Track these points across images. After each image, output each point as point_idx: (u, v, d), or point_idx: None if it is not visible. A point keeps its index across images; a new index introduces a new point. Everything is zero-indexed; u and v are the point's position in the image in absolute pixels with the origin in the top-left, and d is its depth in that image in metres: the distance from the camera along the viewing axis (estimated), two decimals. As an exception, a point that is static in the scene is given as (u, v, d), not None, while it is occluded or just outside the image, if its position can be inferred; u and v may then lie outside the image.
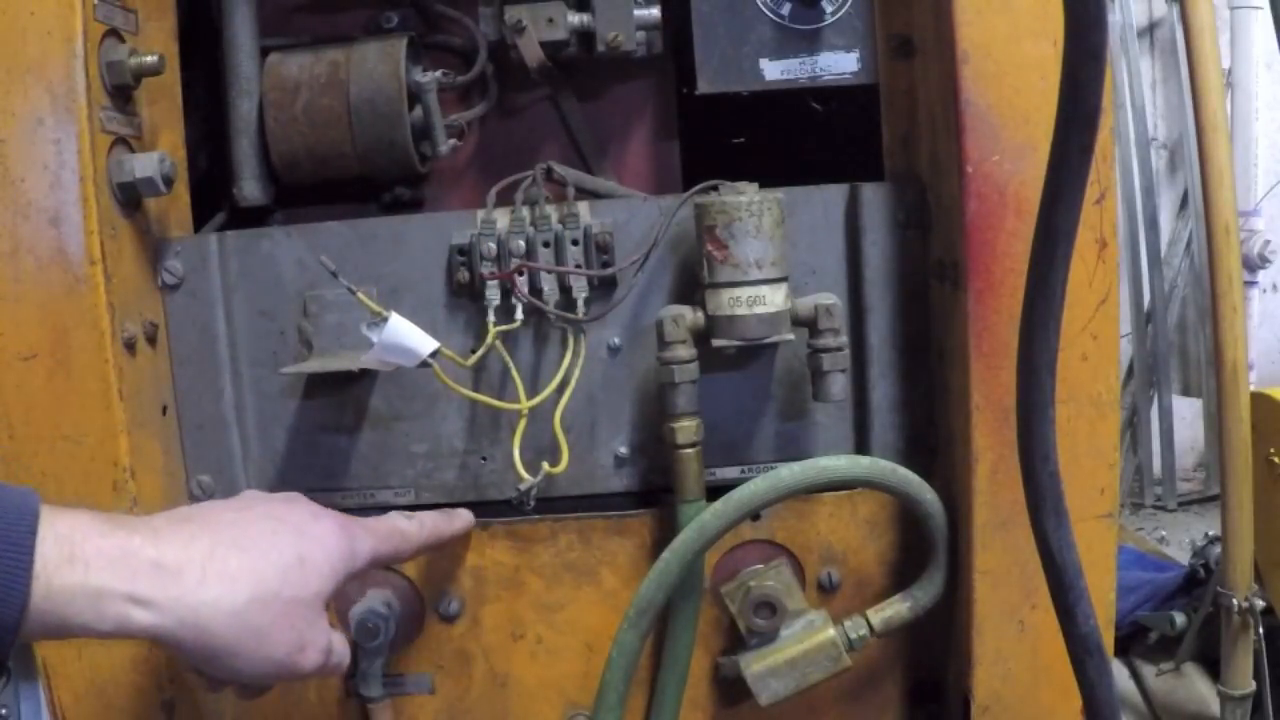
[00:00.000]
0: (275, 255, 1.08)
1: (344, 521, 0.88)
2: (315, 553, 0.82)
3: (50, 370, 0.97)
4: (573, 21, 1.08)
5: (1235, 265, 1.73)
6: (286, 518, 0.84)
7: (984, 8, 0.93)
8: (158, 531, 0.75)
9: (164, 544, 0.74)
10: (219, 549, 0.76)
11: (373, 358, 0.97)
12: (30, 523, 0.68)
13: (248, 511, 0.83)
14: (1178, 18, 3.06)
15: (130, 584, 0.71)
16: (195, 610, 0.73)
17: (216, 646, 0.75)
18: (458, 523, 1.04)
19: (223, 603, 0.75)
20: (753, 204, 0.97)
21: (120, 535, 0.73)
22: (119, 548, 0.72)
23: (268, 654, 0.77)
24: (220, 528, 0.79)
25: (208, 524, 0.79)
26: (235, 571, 0.76)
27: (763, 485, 0.98)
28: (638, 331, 1.07)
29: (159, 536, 0.75)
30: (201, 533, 0.77)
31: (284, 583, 0.79)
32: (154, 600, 0.72)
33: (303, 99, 1.09)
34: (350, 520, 0.89)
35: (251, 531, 0.80)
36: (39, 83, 0.95)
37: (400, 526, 0.95)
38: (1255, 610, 1.78)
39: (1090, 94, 0.68)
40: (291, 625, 0.79)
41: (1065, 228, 0.73)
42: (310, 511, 0.87)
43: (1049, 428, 0.79)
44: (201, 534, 0.77)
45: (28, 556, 0.67)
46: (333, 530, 0.86)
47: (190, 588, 0.73)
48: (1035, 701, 1.01)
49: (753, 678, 1.02)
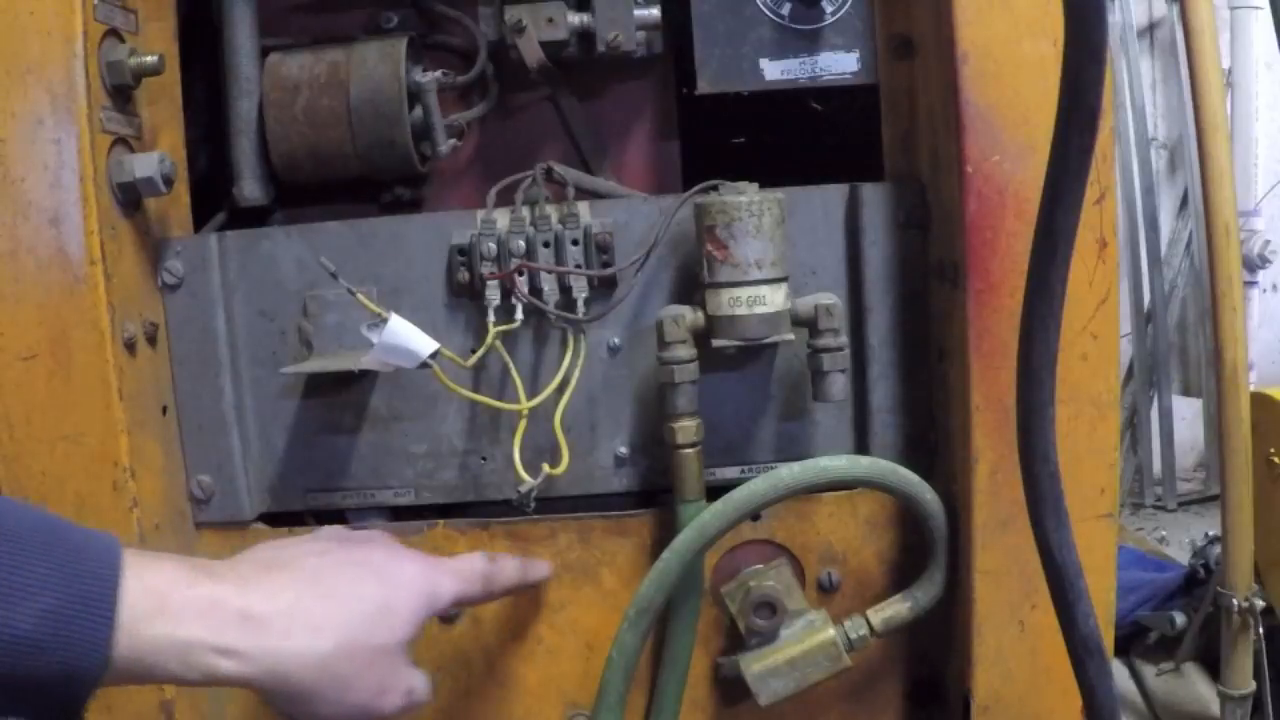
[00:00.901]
0: (275, 255, 1.08)
1: (426, 564, 0.89)
2: (398, 599, 0.83)
3: (50, 370, 0.97)
4: (573, 21, 1.08)
5: (1235, 265, 1.73)
6: (369, 562, 0.85)
7: (984, 8, 0.93)
8: (245, 580, 0.76)
9: (251, 594, 0.75)
10: (304, 599, 0.77)
11: (373, 359, 0.97)
12: (114, 576, 0.68)
13: (331, 556, 0.84)
14: (1178, 18, 3.06)
15: (218, 635, 0.72)
16: (281, 660, 0.74)
17: (301, 694, 0.76)
18: (535, 572, 1.04)
19: (308, 653, 0.76)
20: (753, 204, 0.97)
21: (208, 585, 0.73)
22: (206, 599, 0.73)
23: (351, 700, 0.78)
24: (306, 576, 0.80)
25: (294, 573, 0.80)
26: (320, 622, 0.77)
27: (763, 485, 0.98)
28: (638, 331, 1.07)
29: (246, 586, 0.75)
30: (289, 583, 0.78)
31: (368, 631, 0.80)
32: (241, 651, 0.73)
33: (303, 99, 1.09)
34: (432, 562, 0.90)
35: (336, 580, 0.81)
36: (39, 83, 0.95)
37: (482, 569, 0.95)
38: (1255, 610, 1.78)
39: (1090, 94, 0.68)
40: (374, 671, 0.80)
41: (1065, 228, 0.73)
42: (393, 554, 0.88)
43: (1049, 428, 0.79)
44: (288, 585, 0.78)
45: (110, 613, 0.67)
46: (415, 575, 0.86)
47: (276, 639, 0.74)
48: (1035, 701, 1.01)
49: (753, 678, 1.02)
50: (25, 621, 0.64)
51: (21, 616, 0.64)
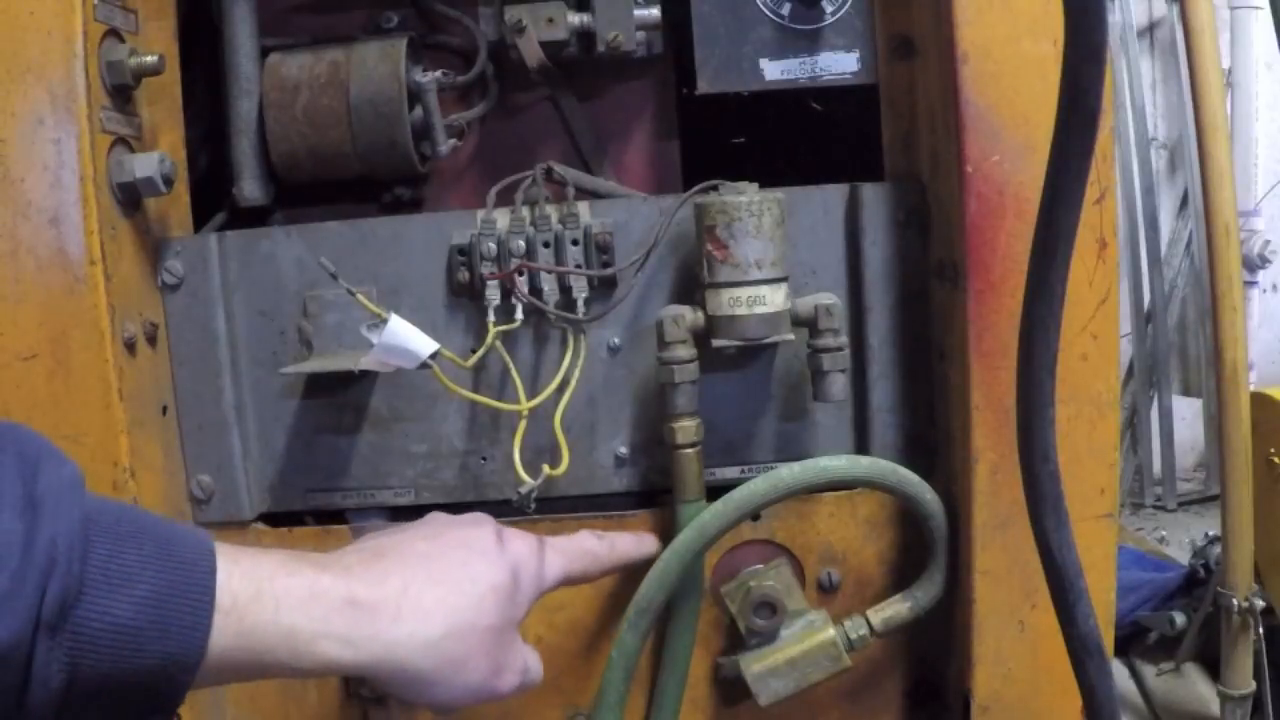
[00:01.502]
0: (275, 255, 1.08)
1: (533, 544, 0.88)
2: (507, 580, 0.83)
3: (50, 370, 0.97)
4: (573, 21, 1.08)
5: (1235, 265, 1.73)
6: (476, 545, 0.84)
7: (984, 8, 0.93)
8: (349, 569, 0.75)
9: (356, 581, 0.74)
10: (413, 585, 0.77)
11: (372, 359, 0.97)
12: (209, 562, 0.67)
13: (438, 540, 0.83)
14: (1178, 18, 3.06)
15: (324, 623, 0.71)
16: (390, 647, 0.74)
17: (416, 679, 0.75)
18: (645, 547, 1.02)
19: (418, 638, 0.75)
20: (753, 204, 0.97)
21: (308, 574, 0.72)
22: (307, 587, 0.71)
23: (465, 682, 0.78)
24: (412, 562, 0.79)
25: (400, 559, 0.79)
26: (430, 606, 0.76)
27: (763, 485, 0.98)
28: (638, 331, 1.07)
29: (351, 574, 0.75)
30: (395, 569, 0.77)
31: (478, 613, 0.79)
32: (349, 638, 0.72)
33: (303, 99, 1.09)
34: (539, 542, 0.89)
35: (444, 563, 0.80)
36: (39, 83, 0.95)
37: (589, 548, 0.95)
38: (1255, 610, 1.78)
39: (1090, 94, 0.68)
40: (487, 653, 0.79)
41: (1065, 228, 0.73)
42: (500, 535, 0.87)
43: (1049, 428, 0.79)
44: (394, 570, 0.77)
45: (210, 597, 0.66)
46: (524, 555, 0.86)
47: (385, 625, 0.74)
48: (1035, 701, 1.01)
49: (753, 678, 1.02)
50: (125, 609, 0.62)
51: (121, 604, 0.62)
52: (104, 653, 0.62)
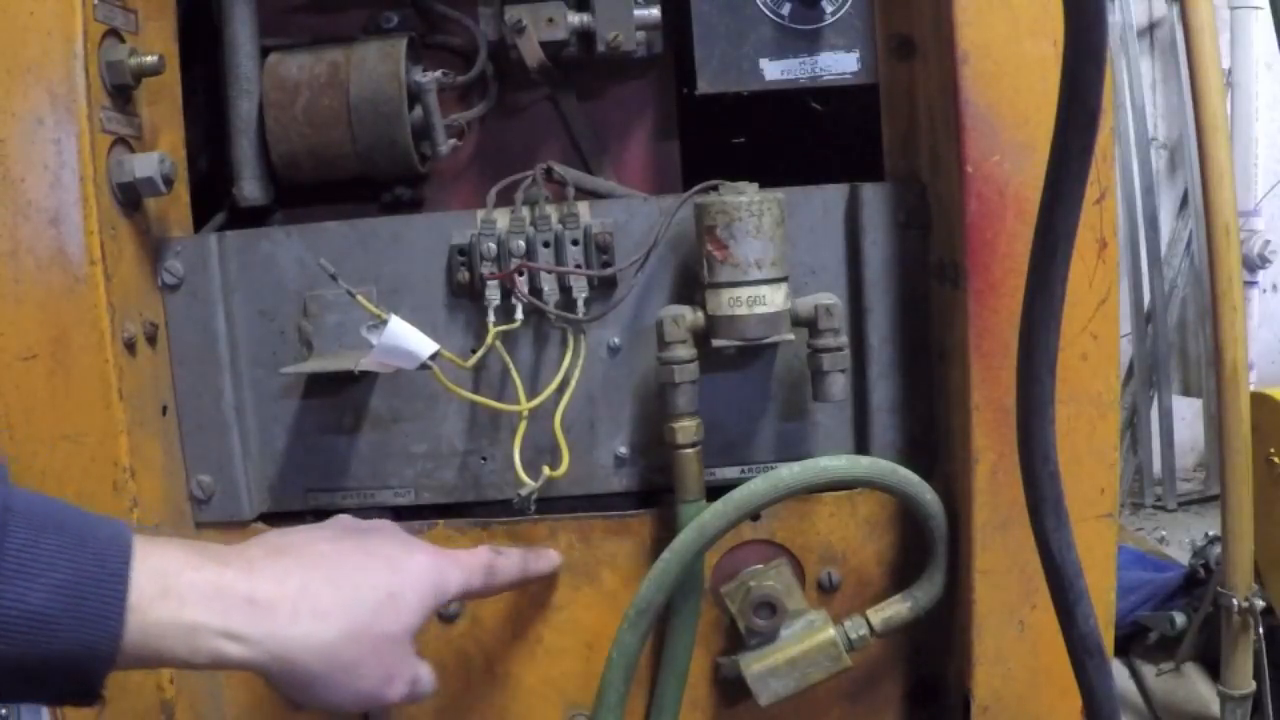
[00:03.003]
0: (275, 255, 1.08)
1: (435, 555, 0.89)
2: (406, 588, 0.83)
3: (50, 370, 0.97)
4: (573, 21, 1.08)
5: (1235, 265, 1.74)
6: (379, 551, 0.85)
7: (984, 8, 0.93)
8: (252, 564, 0.76)
9: (258, 579, 0.75)
10: (312, 585, 0.77)
11: (372, 360, 0.97)
12: (124, 554, 0.69)
13: (340, 544, 0.84)
14: (1178, 18, 3.06)
15: (224, 619, 0.72)
16: (286, 645, 0.74)
17: (307, 680, 0.76)
18: (544, 562, 1.04)
19: (314, 639, 0.76)
20: (753, 204, 0.97)
21: (213, 569, 0.73)
22: (212, 583, 0.73)
23: (356, 687, 0.79)
24: (314, 562, 0.80)
25: (302, 558, 0.80)
26: (328, 608, 0.77)
27: (763, 485, 0.98)
28: (638, 331, 1.07)
29: (253, 570, 0.75)
30: (295, 568, 0.78)
31: (375, 619, 0.80)
32: (247, 636, 0.73)
33: (303, 99, 1.09)
34: (440, 554, 0.90)
35: (344, 567, 0.81)
36: (39, 83, 0.95)
37: (489, 561, 0.95)
38: (1255, 610, 1.78)
39: (1090, 94, 0.68)
40: (380, 660, 0.80)
41: (1065, 228, 0.73)
42: (402, 544, 0.88)
43: (1049, 428, 0.79)
44: (295, 569, 0.78)
45: (122, 589, 0.68)
46: (424, 565, 0.87)
47: (283, 624, 0.75)
48: (1035, 701, 1.01)
49: (753, 678, 1.02)
50: (39, 596, 0.64)
51: (35, 591, 0.64)
52: (16, 637, 0.64)
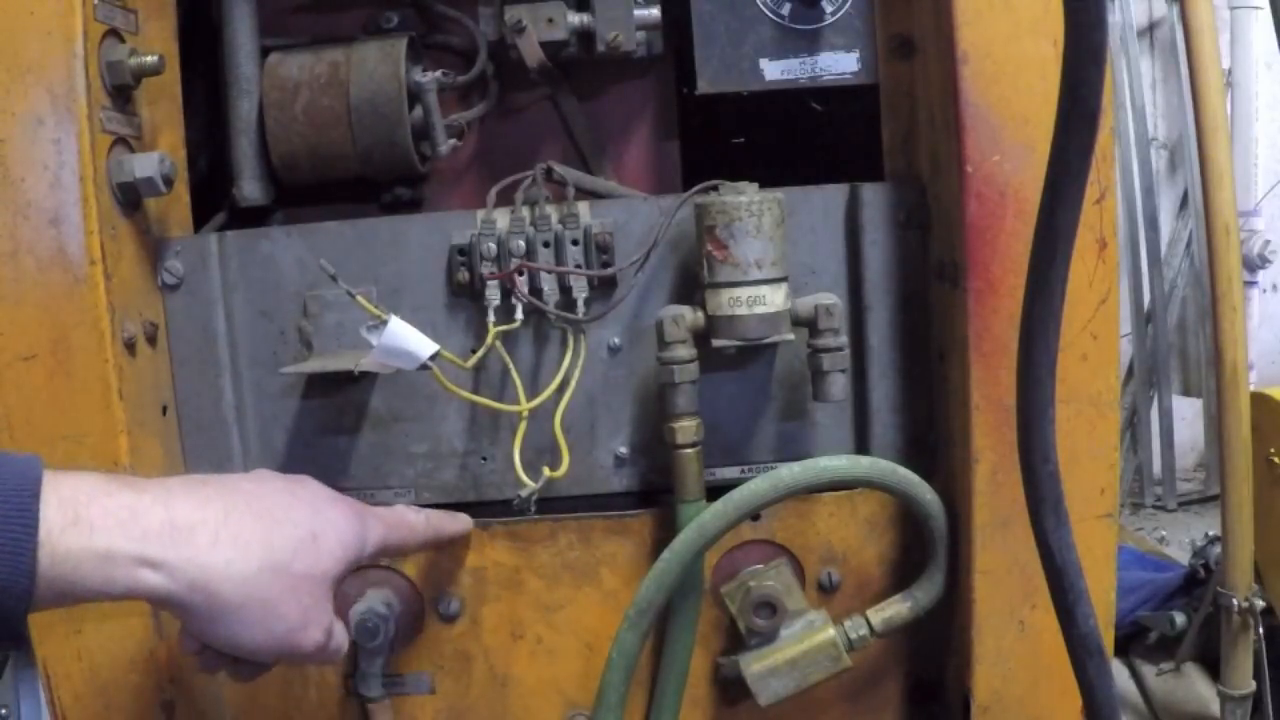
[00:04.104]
0: (275, 255, 1.08)
1: (357, 507, 0.89)
2: (328, 531, 0.82)
3: (50, 370, 0.97)
4: (573, 21, 1.08)
5: (1235, 265, 1.74)
6: (301, 495, 0.84)
7: (984, 8, 0.93)
8: (170, 491, 0.74)
9: (176, 503, 0.73)
10: (234, 514, 0.76)
11: (372, 360, 0.97)
12: (33, 488, 0.67)
13: (263, 485, 0.83)
14: (1178, 18, 3.06)
15: (140, 545, 0.70)
16: (205, 571, 0.72)
17: (223, 611, 0.74)
18: (458, 524, 1.05)
19: (234, 567, 0.74)
20: (753, 204, 0.97)
21: (127, 495, 0.71)
22: (126, 508, 0.70)
23: (271, 626, 0.77)
24: (236, 494, 0.79)
25: (223, 489, 0.78)
26: (249, 538, 0.75)
27: (763, 485, 0.98)
28: (638, 331, 1.07)
29: (171, 496, 0.73)
30: (216, 496, 0.76)
31: (296, 556, 0.78)
32: (164, 561, 0.71)
33: (303, 99, 1.09)
34: (362, 506, 0.90)
35: (268, 502, 0.80)
36: (39, 83, 0.95)
37: (408, 519, 0.96)
38: (1255, 610, 1.78)
39: (1090, 94, 0.68)
40: (298, 600, 0.78)
41: (1065, 228, 0.73)
42: (325, 493, 0.88)
43: (1049, 428, 0.79)
44: (216, 498, 0.76)
45: (33, 522, 0.65)
46: (346, 513, 0.86)
47: (202, 548, 0.72)
48: (1035, 701, 1.01)
49: (753, 678, 1.02)
50: None
51: None
52: None
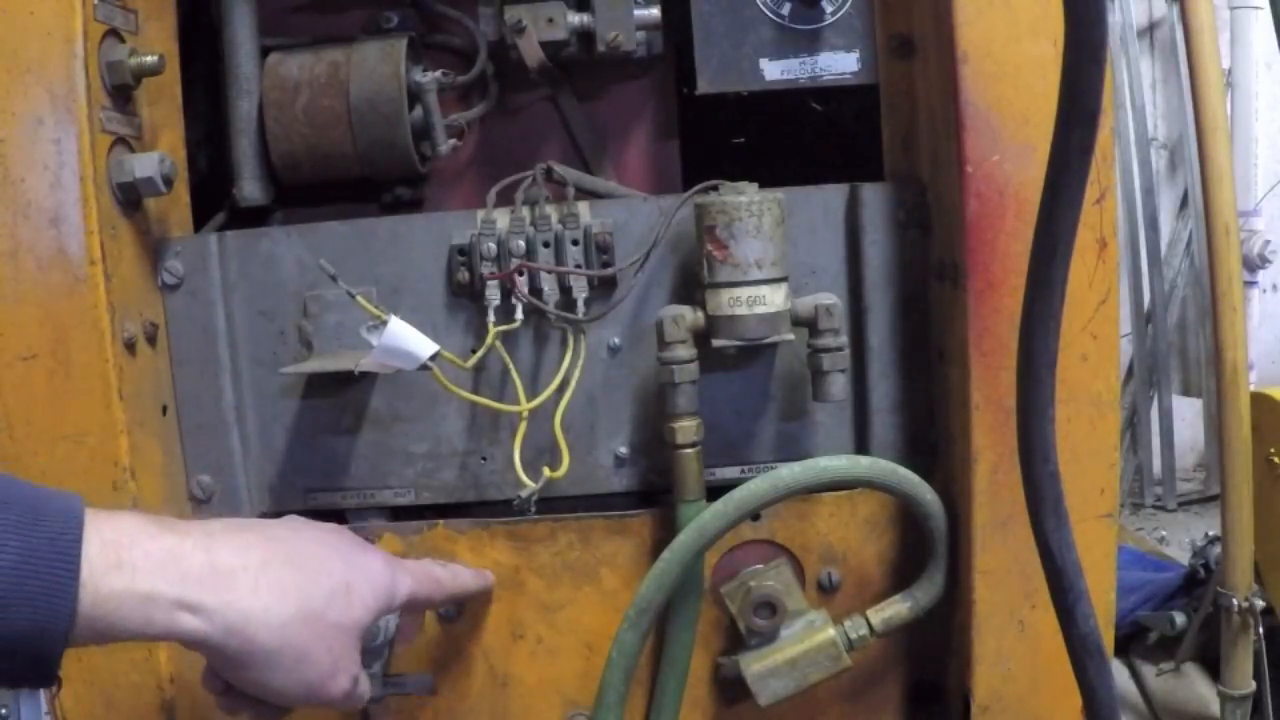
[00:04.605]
0: (275, 255, 1.08)
1: (388, 559, 0.90)
2: (361, 583, 0.84)
3: (50, 370, 0.97)
4: (573, 21, 1.08)
5: (1235, 265, 1.73)
6: (335, 544, 0.86)
7: (984, 8, 0.93)
8: (212, 535, 0.76)
9: (218, 548, 0.75)
10: (273, 561, 0.77)
11: (372, 361, 0.97)
12: (75, 530, 0.67)
13: (299, 533, 0.84)
14: (1178, 18, 3.06)
15: (180, 588, 0.71)
16: (244, 616, 0.74)
17: (257, 657, 0.75)
18: (482, 580, 1.05)
19: (271, 613, 0.75)
20: (753, 204, 0.97)
21: (169, 538, 0.73)
22: (168, 551, 0.72)
23: (303, 673, 0.78)
24: (274, 542, 0.80)
25: (263, 536, 0.80)
26: (287, 585, 0.77)
27: (763, 485, 0.98)
28: (638, 331, 1.07)
29: (213, 540, 0.75)
30: (256, 543, 0.78)
31: (329, 605, 0.80)
32: (204, 605, 0.72)
33: (303, 99, 1.09)
34: (393, 559, 0.91)
35: (304, 550, 0.82)
36: (39, 83, 0.95)
37: (434, 573, 0.97)
38: (1255, 610, 1.78)
39: (1090, 94, 0.68)
40: (329, 648, 0.80)
41: (1065, 228, 0.73)
42: (358, 543, 0.89)
43: (1049, 428, 0.79)
44: (256, 544, 0.78)
45: (74, 565, 0.66)
46: (378, 565, 0.88)
47: (242, 594, 0.74)
48: (1035, 701, 1.01)
49: (753, 678, 1.02)
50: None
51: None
52: None
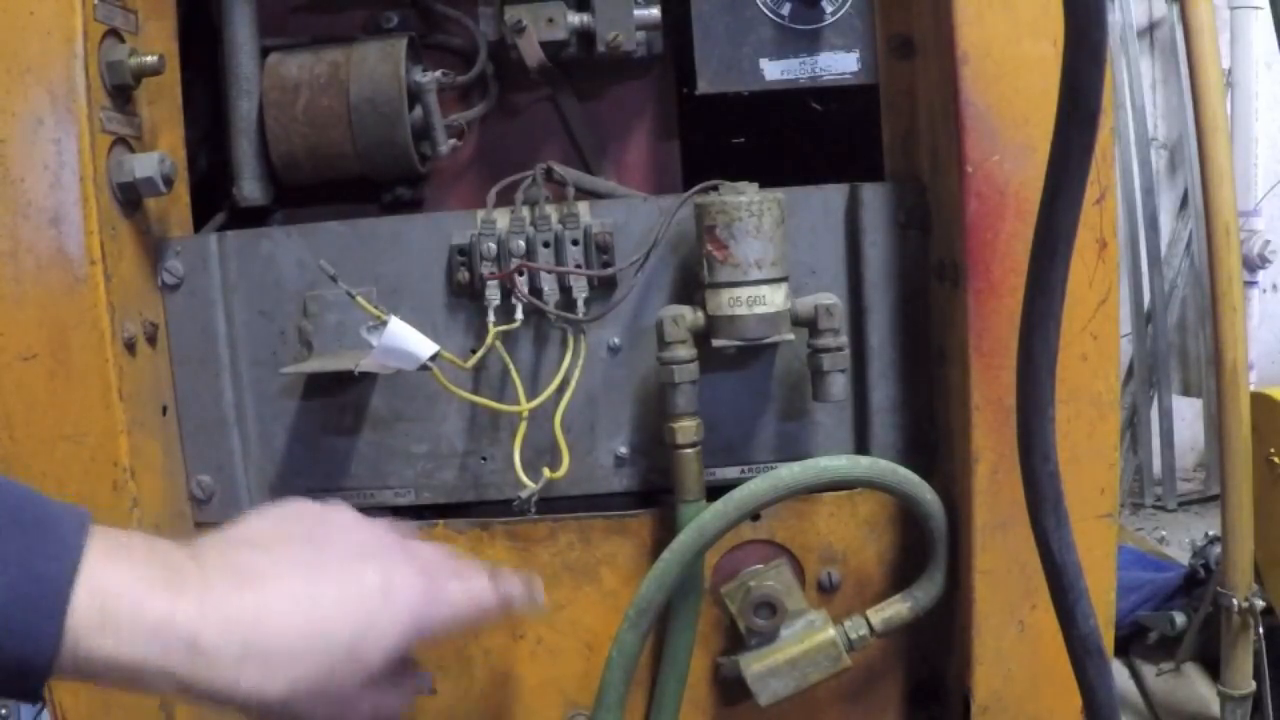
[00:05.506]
0: (275, 255, 1.08)
1: (429, 582, 0.77)
2: (383, 623, 0.73)
3: (50, 370, 0.97)
4: (573, 21, 1.08)
5: (1235, 265, 1.74)
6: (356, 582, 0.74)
7: (984, 8, 0.93)
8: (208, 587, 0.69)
9: (208, 614, 0.68)
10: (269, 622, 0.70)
11: (372, 361, 0.97)
12: (69, 572, 0.64)
13: (323, 552, 0.75)
14: (1178, 18, 3.06)
15: (163, 659, 0.67)
16: (230, 696, 0.69)
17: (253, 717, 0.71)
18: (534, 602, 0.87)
19: (256, 696, 0.70)
20: (753, 204, 0.97)
21: (162, 599, 0.67)
22: (161, 617, 0.67)
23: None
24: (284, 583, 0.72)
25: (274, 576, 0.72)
26: (281, 658, 0.70)
27: (763, 485, 0.98)
28: (638, 331, 1.07)
29: (205, 599, 0.68)
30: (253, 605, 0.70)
31: (334, 672, 0.72)
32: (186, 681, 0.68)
33: (303, 99, 1.09)
34: (435, 580, 0.77)
35: (318, 593, 0.72)
36: (39, 83, 0.95)
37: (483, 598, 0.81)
38: (1255, 610, 1.79)
39: (1090, 94, 0.68)
40: (332, 707, 0.73)
41: (1065, 228, 0.73)
42: (396, 555, 0.77)
43: (1049, 428, 0.79)
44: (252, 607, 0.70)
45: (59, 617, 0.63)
46: (412, 592, 0.75)
47: (225, 676, 0.68)
48: (1035, 701, 1.01)
49: (753, 678, 1.02)
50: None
51: None
52: None
